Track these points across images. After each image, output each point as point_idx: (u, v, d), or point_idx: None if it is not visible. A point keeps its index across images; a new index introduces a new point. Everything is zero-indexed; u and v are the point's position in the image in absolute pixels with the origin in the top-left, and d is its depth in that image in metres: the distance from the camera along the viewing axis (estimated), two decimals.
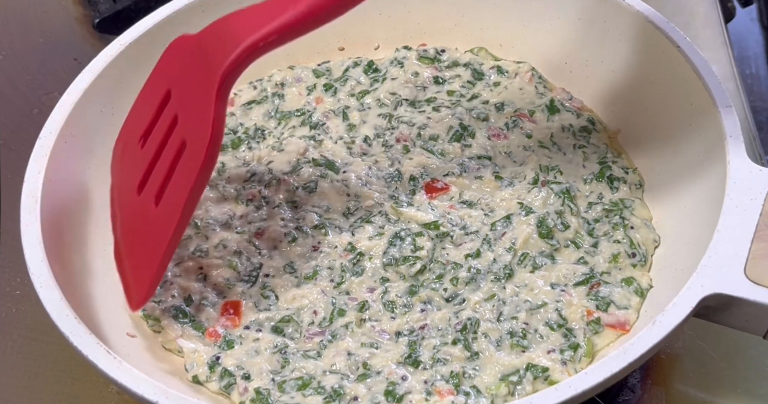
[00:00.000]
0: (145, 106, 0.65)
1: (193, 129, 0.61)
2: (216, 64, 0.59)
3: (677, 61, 0.68)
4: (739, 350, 0.69)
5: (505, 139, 0.75)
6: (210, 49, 0.60)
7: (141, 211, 0.63)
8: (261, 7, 0.60)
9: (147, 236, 0.63)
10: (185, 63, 0.63)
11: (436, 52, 0.81)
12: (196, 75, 0.61)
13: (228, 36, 0.60)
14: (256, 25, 0.59)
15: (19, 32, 0.95)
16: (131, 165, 0.65)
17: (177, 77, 0.64)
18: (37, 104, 0.88)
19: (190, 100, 0.62)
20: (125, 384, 0.55)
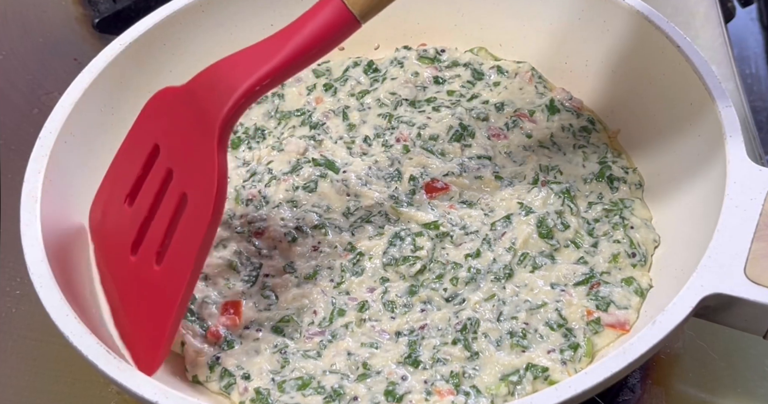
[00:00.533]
0: (129, 163, 0.63)
1: (195, 181, 0.59)
2: (213, 113, 0.58)
3: (677, 61, 0.68)
4: (739, 350, 0.69)
5: (505, 139, 0.75)
6: (203, 99, 0.59)
7: (139, 272, 0.61)
8: (250, 51, 0.59)
9: (151, 297, 0.60)
10: (174, 115, 0.61)
11: (436, 52, 0.81)
12: (190, 126, 0.60)
13: (221, 83, 0.58)
14: (248, 70, 0.58)
15: (19, 32, 0.95)
16: (118, 226, 0.63)
17: (166, 130, 0.62)
18: (37, 104, 0.88)
19: (186, 152, 0.60)
20: (125, 384, 0.55)
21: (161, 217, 0.60)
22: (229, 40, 0.79)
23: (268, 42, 0.59)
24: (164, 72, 0.76)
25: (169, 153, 0.61)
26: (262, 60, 0.58)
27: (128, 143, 0.65)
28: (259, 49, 0.59)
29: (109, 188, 0.66)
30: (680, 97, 0.69)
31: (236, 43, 0.79)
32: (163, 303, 0.58)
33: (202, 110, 0.59)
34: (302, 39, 0.58)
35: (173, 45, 0.76)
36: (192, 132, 0.59)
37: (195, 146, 0.59)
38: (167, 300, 0.58)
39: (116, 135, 0.73)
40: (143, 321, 0.60)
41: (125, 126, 0.73)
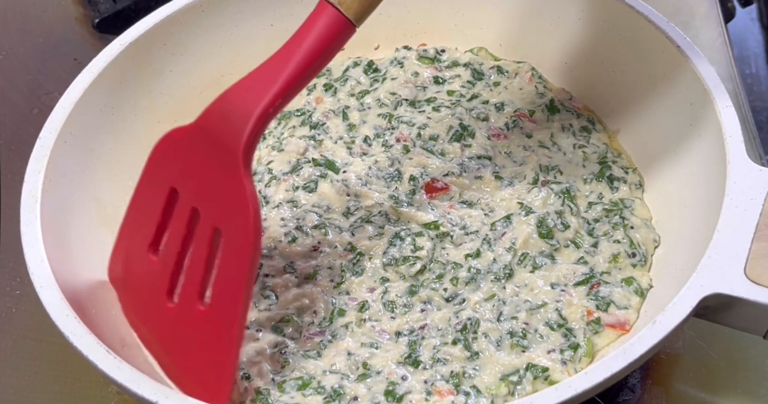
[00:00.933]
0: (146, 212, 0.62)
1: (227, 213, 0.58)
2: (231, 143, 0.57)
3: (677, 61, 0.68)
4: (739, 350, 0.69)
5: (505, 139, 0.75)
6: (217, 131, 0.58)
7: (183, 316, 0.60)
8: (256, 74, 0.59)
9: (202, 336, 0.59)
10: (189, 154, 0.60)
11: (436, 52, 0.81)
12: (210, 161, 0.59)
13: (234, 112, 0.58)
14: (259, 94, 0.58)
15: (19, 32, 0.95)
16: (147, 276, 0.62)
17: (183, 171, 0.61)
18: (37, 104, 0.88)
19: (210, 187, 0.59)
20: (125, 384, 0.55)
21: (196, 258, 0.60)
22: (229, 41, 0.79)
23: (272, 62, 0.59)
24: (164, 72, 0.76)
25: (191, 193, 0.60)
26: (270, 81, 0.58)
27: (141, 193, 0.63)
28: (264, 70, 0.59)
29: (127, 240, 0.64)
30: (680, 98, 0.69)
31: (236, 43, 0.80)
32: (218, 339, 0.58)
33: (219, 143, 0.58)
34: (305, 53, 0.58)
35: (173, 45, 0.76)
36: (213, 166, 0.59)
37: (219, 179, 0.58)
38: (222, 335, 0.58)
39: (116, 135, 0.73)
40: (199, 361, 0.60)
41: (125, 126, 0.74)
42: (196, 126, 0.60)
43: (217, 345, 0.58)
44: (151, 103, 0.76)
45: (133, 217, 0.64)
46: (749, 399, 0.67)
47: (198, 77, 0.79)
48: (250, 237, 0.57)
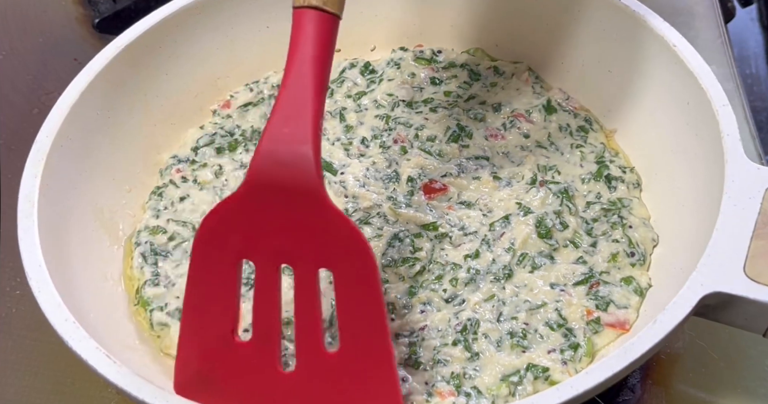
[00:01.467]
0: (217, 300, 0.58)
1: (330, 250, 0.56)
2: (302, 182, 0.55)
3: (674, 60, 0.68)
4: (739, 350, 0.69)
5: (503, 139, 0.75)
6: (278, 180, 0.55)
7: (310, 373, 0.57)
8: (282, 109, 0.56)
9: (345, 379, 0.57)
10: (250, 218, 0.57)
11: (432, 53, 0.81)
12: (282, 212, 0.56)
13: (287, 153, 0.55)
14: (300, 124, 0.55)
15: (19, 32, 0.95)
16: (243, 362, 0.58)
17: (248, 239, 0.57)
18: (37, 104, 0.88)
19: (296, 235, 0.56)
20: (125, 388, 0.54)
21: (304, 311, 0.57)
22: (225, 43, 0.79)
23: (290, 87, 0.57)
24: (161, 75, 0.76)
25: (269, 254, 0.57)
26: (301, 106, 0.56)
27: (200, 282, 0.58)
28: (287, 100, 0.56)
29: (200, 339, 0.59)
30: (677, 97, 0.69)
31: (232, 45, 0.80)
32: (369, 370, 0.56)
33: (287, 190, 0.56)
34: (315, 66, 0.56)
35: (169, 48, 0.76)
36: (291, 214, 0.56)
37: (304, 223, 0.56)
38: (373, 364, 0.56)
39: (113, 138, 0.73)
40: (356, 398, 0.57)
41: (122, 129, 0.73)
42: (248, 187, 0.56)
43: (371, 377, 0.56)
44: (147, 106, 0.76)
45: (199, 311, 0.58)
46: (749, 399, 0.67)
47: (194, 80, 0.79)
48: (370, 260, 0.55)
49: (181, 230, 0.71)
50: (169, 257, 0.70)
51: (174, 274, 0.69)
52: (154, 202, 0.74)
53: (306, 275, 0.57)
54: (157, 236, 0.71)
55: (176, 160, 0.76)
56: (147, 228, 0.72)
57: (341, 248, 0.56)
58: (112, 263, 0.69)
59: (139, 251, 0.70)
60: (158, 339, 0.66)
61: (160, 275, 0.69)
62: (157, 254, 0.70)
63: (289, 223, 0.56)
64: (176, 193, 0.74)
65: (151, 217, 0.73)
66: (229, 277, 0.58)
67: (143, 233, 0.71)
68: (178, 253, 0.70)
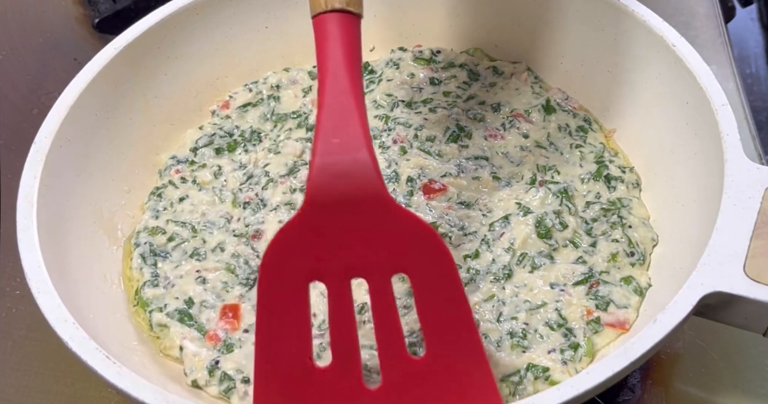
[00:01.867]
0: (292, 328, 0.56)
1: (405, 253, 0.55)
2: (366, 190, 0.54)
3: (673, 60, 0.68)
4: (739, 349, 0.69)
5: (502, 139, 0.75)
6: (341, 192, 0.54)
7: (406, 386, 0.56)
8: (328, 119, 0.55)
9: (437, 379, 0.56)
10: (315, 238, 0.55)
11: (431, 53, 0.81)
12: (349, 224, 0.55)
13: (344, 163, 0.54)
14: (350, 133, 0.54)
15: (19, 32, 0.95)
16: (328, 393, 0.56)
17: (317, 258, 0.56)
18: (37, 104, 0.88)
19: (368, 245, 0.55)
20: (125, 389, 0.54)
21: (386, 324, 0.56)
22: (223, 43, 0.79)
23: (329, 95, 0.56)
24: (159, 75, 0.76)
25: (340, 270, 0.56)
26: (346, 113, 0.55)
27: (268, 314, 0.56)
28: (331, 108, 0.55)
29: (276, 371, 0.56)
30: (676, 96, 0.69)
31: (231, 45, 0.79)
32: (463, 371, 0.55)
33: (350, 201, 0.54)
34: (348, 70, 0.56)
35: (168, 48, 0.76)
36: (359, 224, 0.55)
37: (371, 232, 0.55)
38: (467, 366, 0.55)
39: (112, 139, 0.73)
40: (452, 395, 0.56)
41: (120, 130, 0.73)
42: (310, 206, 0.55)
43: (464, 377, 0.55)
44: (145, 106, 0.76)
45: (273, 341, 0.56)
46: (749, 399, 0.67)
47: (193, 80, 0.79)
48: (447, 255, 0.55)
49: (180, 230, 0.71)
50: (169, 258, 0.70)
51: (173, 275, 0.68)
52: (153, 203, 0.74)
53: (381, 286, 0.56)
54: (156, 237, 0.71)
55: (175, 160, 0.76)
56: (146, 229, 0.72)
57: (415, 249, 0.55)
58: (112, 263, 0.69)
59: (138, 252, 0.70)
60: (157, 339, 0.66)
61: (160, 276, 0.69)
62: (156, 254, 0.70)
63: (356, 234, 0.55)
64: (175, 193, 0.74)
65: (151, 218, 0.73)
66: (300, 302, 0.56)
67: (142, 234, 0.71)
68: (177, 254, 0.70)
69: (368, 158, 0.54)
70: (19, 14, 0.96)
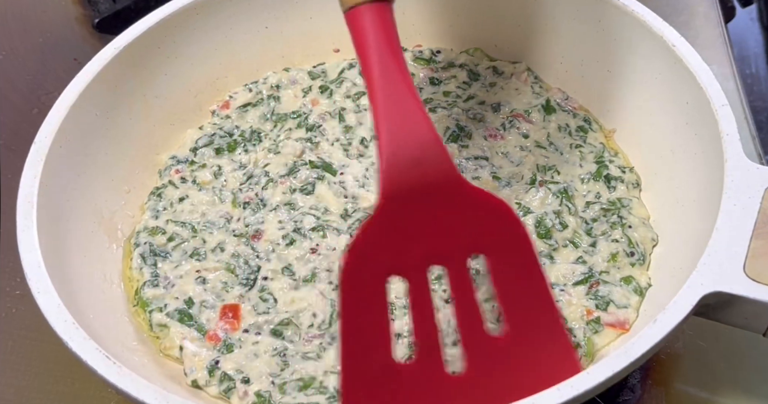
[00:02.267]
0: (375, 329, 0.56)
1: (483, 233, 0.55)
2: (440, 175, 0.54)
3: (673, 60, 0.68)
4: (739, 350, 0.69)
5: (502, 139, 0.75)
6: (416, 181, 0.54)
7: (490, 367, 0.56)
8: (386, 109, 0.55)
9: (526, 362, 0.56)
10: (393, 232, 0.55)
11: (431, 53, 0.81)
12: (428, 213, 0.55)
13: (413, 151, 0.54)
14: (412, 121, 0.54)
15: (19, 32, 0.95)
16: (415, 386, 0.56)
17: (396, 253, 0.56)
18: (37, 104, 0.88)
19: (445, 231, 0.55)
20: (125, 389, 0.54)
21: (467, 307, 0.56)
22: (223, 43, 0.79)
23: (382, 89, 0.55)
24: (159, 75, 0.76)
25: (419, 262, 0.56)
26: (403, 100, 0.55)
27: (352, 316, 0.56)
28: (386, 102, 0.55)
29: (364, 372, 0.56)
30: (676, 96, 0.69)
31: (231, 45, 0.79)
32: (544, 344, 0.56)
33: (423, 188, 0.55)
34: (394, 58, 0.56)
35: (168, 48, 0.76)
36: (432, 212, 0.55)
37: (447, 217, 0.55)
38: (547, 338, 0.56)
39: (112, 139, 0.72)
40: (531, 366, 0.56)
41: (120, 130, 0.73)
42: (386, 200, 0.55)
43: (545, 349, 0.56)
44: (146, 106, 0.76)
45: (358, 342, 0.56)
46: (749, 399, 0.67)
47: (193, 80, 0.79)
48: (522, 228, 0.55)
49: (180, 230, 0.71)
50: (168, 258, 0.70)
51: (173, 275, 0.68)
52: (153, 203, 0.74)
53: (459, 269, 0.56)
54: (156, 237, 0.71)
55: (175, 160, 0.76)
56: (146, 229, 0.72)
57: (491, 227, 0.55)
58: (112, 263, 0.69)
59: (138, 252, 0.70)
60: (157, 339, 0.66)
61: (160, 276, 0.69)
62: (156, 255, 0.70)
63: (433, 221, 0.55)
64: (175, 193, 0.74)
65: (150, 218, 0.73)
66: (380, 301, 0.56)
67: (142, 234, 0.71)
68: (177, 254, 0.70)
69: (438, 143, 0.54)
70: (19, 14, 0.96)
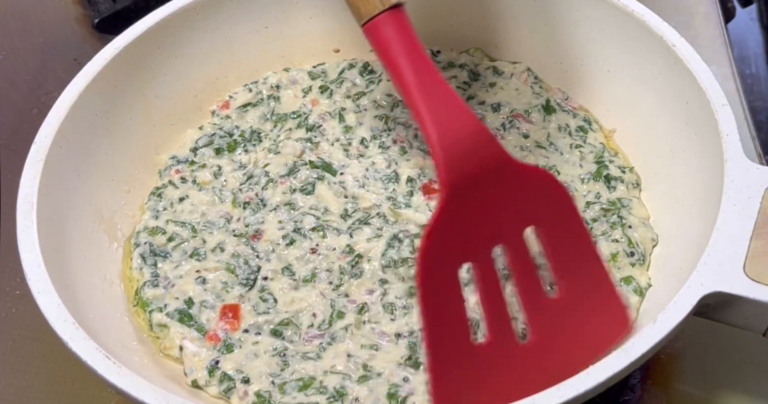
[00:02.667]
0: (454, 318, 0.58)
1: (534, 206, 0.58)
2: (495, 161, 0.57)
3: (673, 60, 0.68)
4: (739, 349, 0.69)
5: (502, 139, 0.75)
6: (477, 170, 0.57)
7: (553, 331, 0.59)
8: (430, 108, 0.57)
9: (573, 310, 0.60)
10: (462, 221, 0.57)
11: (431, 54, 0.81)
12: (482, 197, 0.57)
13: (468, 143, 0.56)
14: (456, 115, 0.57)
15: (19, 32, 0.95)
16: (494, 364, 0.58)
17: (465, 241, 0.58)
18: (37, 104, 0.88)
19: (501, 212, 0.58)
20: (125, 389, 0.54)
21: (527, 279, 0.59)
22: (224, 43, 0.79)
23: (419, 86, 0.57)
24: (159, 75, 0.76)
25: (484, 246, 0.58)
26: (442, 94, 0.57)
27: (433, 311, 0.57)
28: (426, 97, 0.57)
29: (450, 363, 0.58)
30: (676, 97, 0.69)
31: (231, 46, 0.79)
32: (597, 301, 0.59)
33: (479, 173, 0.57)
34: (422, 54, 0.58)
35: (168, 48, 0.76)
36: (489, 194, 0.57)
37: (502, 196, 0.58)
38: (599, 295, 0.59)
39: (111, 139, 0.73)
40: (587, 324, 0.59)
41: (121, 130, 0.73)
42: (449, 191, 0.57)
43: (598, 305, 0.59)
44: (145, 106, 0.76)
45: (442, 335, 0.58)
46: (749, 399, 0.67)
47: (193, 80, 0.79)
48: (568, 195, 0.59)
49: (180, 230, 0.71)
50: (168, 258, 0.70)
51: (173, 275, 0.68)
52: (153, 203, 0.74)
53: (518, 245, 0.58)
54: (156, 237, 0.71)
55: (175, 160, 0.76)
56: (146, 229, 0.72)
57: (541, 198, 0.58)
58: (112, 263, 0.69)
59: (138, 252, 0.70)
60: (157, 339, 0.66)
61: (160, 276, 0.69)
62: (156, 255, 0.70)
63: (491, 204, 0.57)
64: (175, 194, 0.74)
65: (150, 218, 0.73)
66: (456, 288, 0.58)
67: (142, 234, 0.71)
68: (177, 254, 0.70)
69: (486, 131, 0.57)
70: (19, 14, 0.96)
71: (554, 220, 0.59)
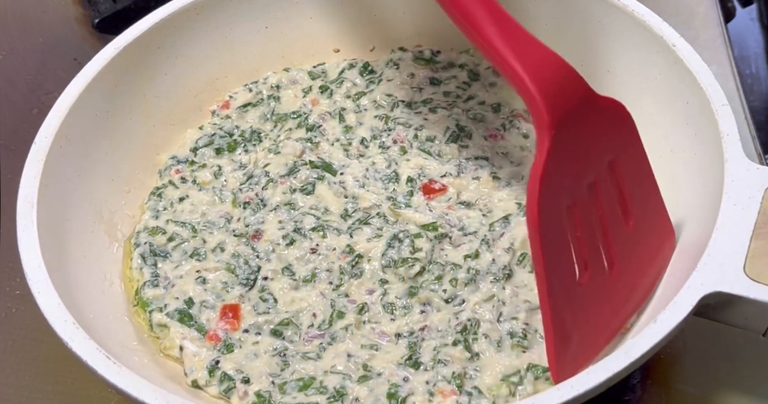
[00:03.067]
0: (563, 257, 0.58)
1: (612, 140, 0.59)
2: (582, 97, 0.58)
3: (673, 60, 0.68)
4: (739, 349, 0.69)
5: (502, 139, 0.75)
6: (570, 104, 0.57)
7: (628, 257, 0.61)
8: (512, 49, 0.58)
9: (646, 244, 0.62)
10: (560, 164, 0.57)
11: (431, 54, 0.81)
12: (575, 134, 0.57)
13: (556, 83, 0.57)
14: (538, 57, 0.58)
15: (19, 32, 0.95)
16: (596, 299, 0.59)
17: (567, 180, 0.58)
18: (37, 104, 0.88)
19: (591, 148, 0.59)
20: (125, 389, 0.54)
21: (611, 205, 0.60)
22: (224, 43, 0.79)
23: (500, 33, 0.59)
24: (159, 75, 0.76)
25: (581, 183, 0.59)
26: (519, 35, 0.58)
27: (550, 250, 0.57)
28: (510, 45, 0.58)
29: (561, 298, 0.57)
30: (676, 97, 0.69)
31: (231, 46, 0.79)
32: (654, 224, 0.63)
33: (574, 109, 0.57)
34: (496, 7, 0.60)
35: (168, 48, 0.76)
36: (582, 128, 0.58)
37: (591, 128, 0.58)
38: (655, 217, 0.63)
39: (112, 139, 0.73)
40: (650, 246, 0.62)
41: (121, 130, 0.73)
42: (553, 130, 0.56)
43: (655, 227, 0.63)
44: (146, 106, 0.76)
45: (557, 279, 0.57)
46: (749, 399, 0.67)
47: (193, 80, 0.79)
48: (633, 122, 0.60)
49: (180, 230, 0.71)
50: (169, 258, 0.70)
51: (173, 275, 0.68)
52: (153, 203, 0.74)
53: (604, 178, 0.59)
54: (156, 237, 0.71)
55: (175, 161, 0.76)
56: (146, 229, 0.72)
57: (616, 128, 0.59)
58: (112, 263, 0.69)
59: (138, 252, 0.70)
60: (157, 339, 0.66)
61: (160, 276, 0.69)
62: (156, 255, 0.70)
63: (582, 139, 0.58)
64: (175, 194, 0.74)
65: (151, 218, 0.73)
66: (564, 232, 0.58)
67: (142, 234, 0.71)
68: (177, 254, 0.70)
69: (571, 69, 0.57)
70: (19, 14, 0.96)
71: (627, 149, 0.60)
